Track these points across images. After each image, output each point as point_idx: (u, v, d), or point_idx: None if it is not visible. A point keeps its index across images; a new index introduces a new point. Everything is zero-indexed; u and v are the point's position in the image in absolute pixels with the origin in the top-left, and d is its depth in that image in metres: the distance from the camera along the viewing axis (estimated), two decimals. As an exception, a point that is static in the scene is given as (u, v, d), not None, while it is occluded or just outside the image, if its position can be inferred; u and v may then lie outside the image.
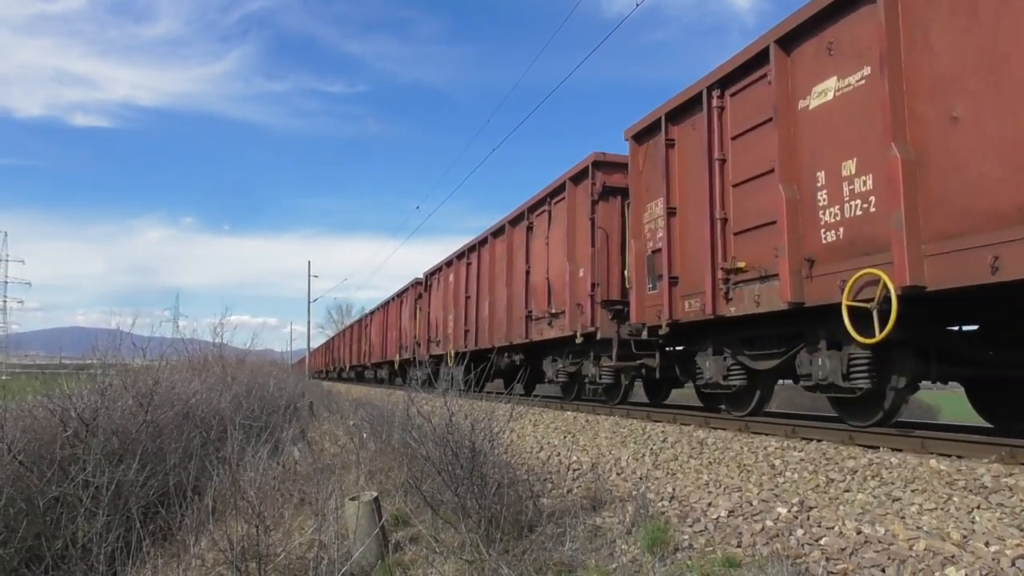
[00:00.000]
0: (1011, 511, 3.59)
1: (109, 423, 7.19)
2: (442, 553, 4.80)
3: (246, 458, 6.57)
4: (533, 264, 12.54)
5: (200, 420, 9.29)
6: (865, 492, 4.27)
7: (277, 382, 15.83)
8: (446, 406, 5.47)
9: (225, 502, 6.41)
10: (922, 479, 4.27)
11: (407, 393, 7.15)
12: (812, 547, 3.75)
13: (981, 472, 4.16)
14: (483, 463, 5.08)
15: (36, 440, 7.00)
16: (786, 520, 4.13)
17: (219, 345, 16.86)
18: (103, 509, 5.98)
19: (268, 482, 6.78)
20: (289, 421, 12.56)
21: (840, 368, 5.88)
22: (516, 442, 8.05)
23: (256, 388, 13.42)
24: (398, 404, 9.20)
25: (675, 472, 5.67)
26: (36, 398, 8.23)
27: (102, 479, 6.17)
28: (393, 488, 6.74)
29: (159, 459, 7.36)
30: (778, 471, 5.07)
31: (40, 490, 6.26)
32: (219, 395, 10.91)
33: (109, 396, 7.61)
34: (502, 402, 6.30)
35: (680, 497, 5.03)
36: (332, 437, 11.40)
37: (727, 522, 4.37)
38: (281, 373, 20.61)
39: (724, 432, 6.78)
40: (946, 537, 3.44)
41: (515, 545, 4.53)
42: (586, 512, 5.11)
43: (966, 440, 5.08)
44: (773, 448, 5.64)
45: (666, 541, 4.18)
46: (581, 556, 4.29)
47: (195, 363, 14.75)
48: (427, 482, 5.57)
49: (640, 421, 8.28)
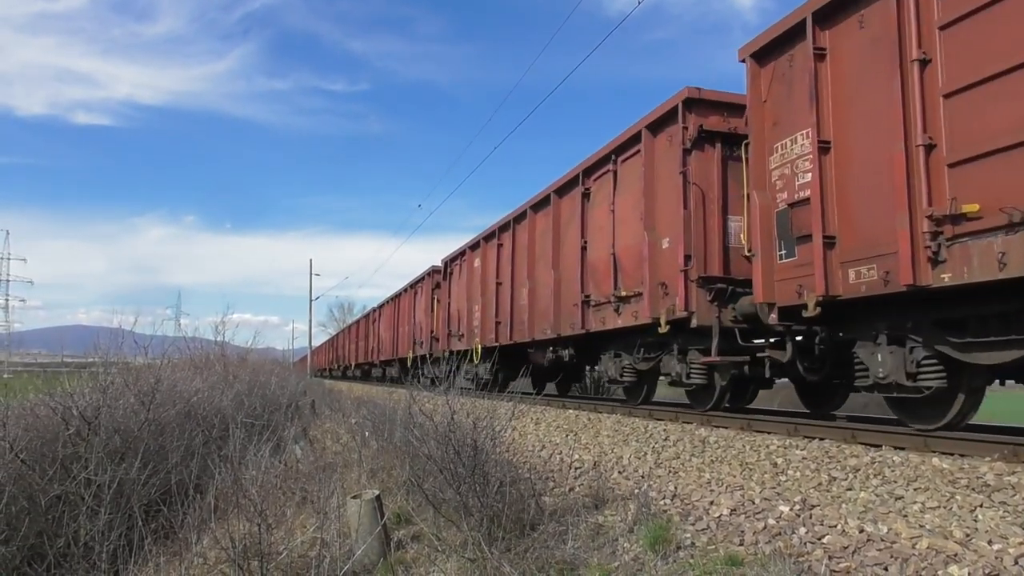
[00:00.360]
0: (1014, 509, 3.58)
1: (111, 421, 7.19)
2: (444, 551, 4.80)
3: (248, 456, 6.58)
4: (592, 238, 10.30)
5: (202, 418, 9.30)
6: (868, 490, 4.26)
7: (279, 381, 15.84)
8: (448, 404, 5.47)
9: (227, 500, 6.42)
10: (925, 477, 4.26)
11: (409, 392, 7.15)
12: (814, 545, 3.75)
13: (984, 470, 4.15)
14: (485, 461, 5.08)
15: (38, 438, 7.00)
16: (788, 518, 4.13)
17: (221, 344, 16.94)
18: (105, 507, 5.99)
19: (270, 480, 6.80)
20: (291, 420, 12.56)
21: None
22: (518, 441, 8.05)
23: (258, 387, 13.43)
24: (400, 403, 9.19)
25: (677, 470, 5.67)
26: (38, 396, 8.24)
27: (104, 477, 6.17)
28: (395, 486, 6.75)
29: (161, 457, 7.36)
30: (780, 469, 5.07)
31: (42, 488, 6.27)
32: (221, 394, 10.92)
33: (111, 394, 7.61)
34: (504, 400, 6.29)
35: (682, 495, 5.02)
36: (334, 435, 11.41)
37: (729, 520, 4.37)
38: (283, 372, 20.63)
39: (726, 430, 6.78)
40: (949, 536, 3.44)
41: (517, 543, 4.53)
42: (588, 510, 5.11)
43: (969, 439, 5.07)
44: (775, 446, 5.63)
45: (668, 539, 4.18)
46: (583, 554, 4.28)
47: (197, 362, 14.79)
48: (429, 480, 5.57)
49: (642, 419, 8.27)
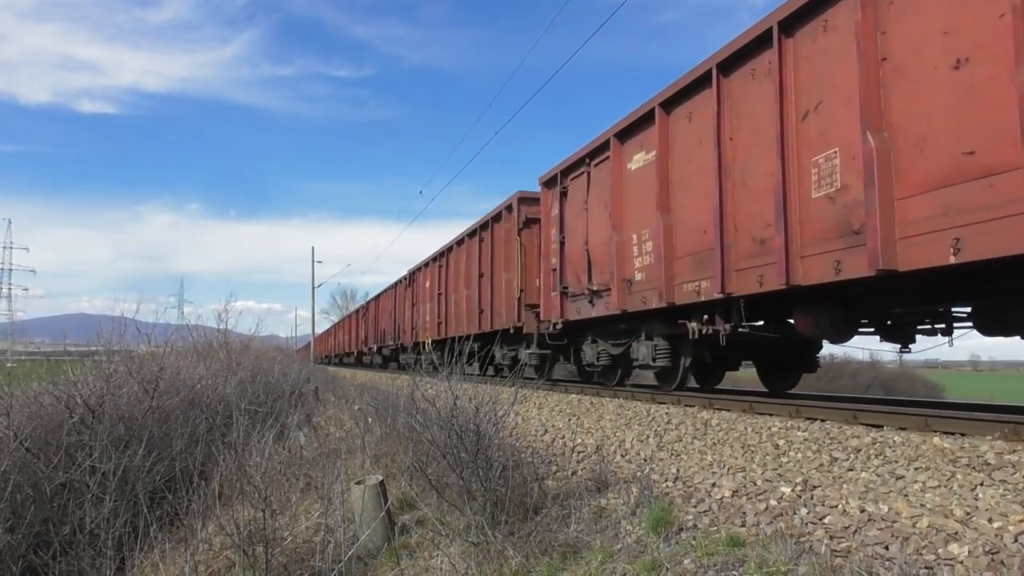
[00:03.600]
0: (1014, 487, 3.59)
1: (115, 409, 7.22)
2: (448, 536, 4.83)
3: (252, 443, 6.60)
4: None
5: (206, 406, 9.33)
6: (869, 471, 4.27)
7: (282, 368, 15.88)
8: (450, 390, 5.48)
9: (232, 487, 6.46)
10: (925, 457, 4.27)
11: (412, 378, 7.16)
12: (816, 526, 3.77)
13: (984, 449, 4.16)
14: (488, 446, 5.09)
15: (42, 427, 7.04)
16: (790, 499, 4.15)
17: (224, 331, 16.95)
18: (110, 495, 6.03)
19: (274, 467, 6.82)
20: (295, 406, 12.61)
21: None
22: (521, 425, 8.08)
23: (261, 374, 13.46)
24: (403, 389, 9.22)
25: (679, 453, 5.69)
26: (42, 385, 8.27)
27: (109, 465, 6.20)
28: (399, 472, 6.78)
29: (165, 445, 7.40)
30: (782, 451, 5.08)
31: (47, 476, 6.31)
32: (224, 381, 10.94)
33: (114, 382, 7.63)
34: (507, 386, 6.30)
35: (684, 478, 5.04)
36: (338, 422, 11.46)
37: (731, 502, 4.39)
38: (286, 359, 20.67)
39: (728, 413, 6.79)
40: (949, 514, 3.45)
41: (520, 527, 4.55)
42: (591, 494, 5.13)
43: (969, 418, 5.08)
44: (777, 428, 5.65)
45: (670, 521, 4.20)
46: (586, 537, 4.31)
47: (200, 349, 14.81)
48: (432, 465, 5.59)
49: (644, 403, 8.29)
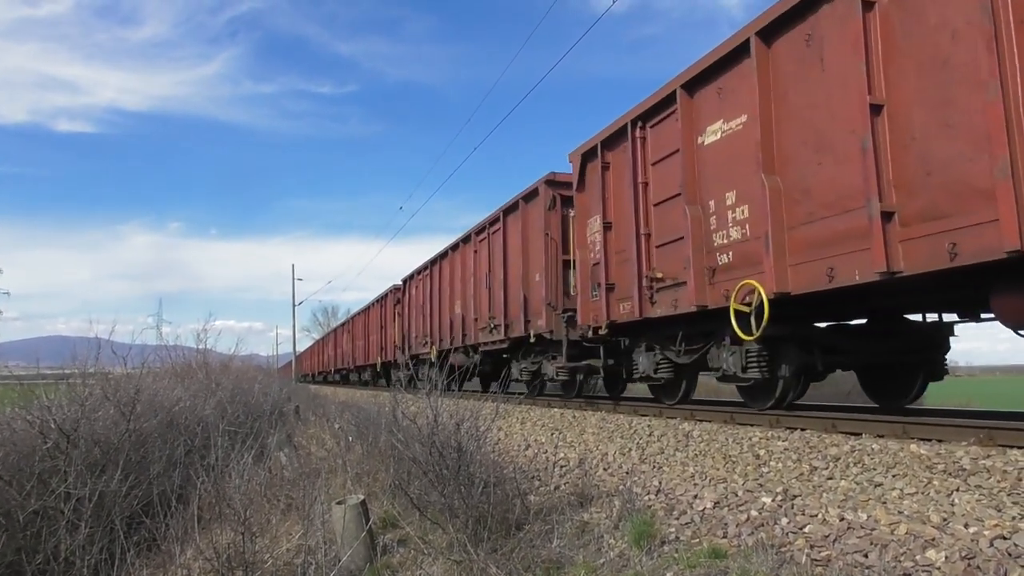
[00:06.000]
0: (989, 492, 3.63)
1: (91, 433, 7.08)
2: (430, 554, 4.78)
3: (231, 464, 6.50)
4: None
5: (184, 428, 9.18)
6: (848, 479, 4.31)
7: (262, 387, 15.70)
8: (431, 407, 5.45)
9: (210, 510, 6.35)
10: (903, 464, 4.31)
11: (393, 395, 7.12)
12: (796, 535, 3.79)
13: (960, 455, 4.21)
14: (469, 463, 5.07)
15: (15, 452, 6.88)
16: (771, 509, 4.17)
17: (203, 351, 16.74)
18: (85, 521, 5.90)
19: (254, 488, 6.73)
20: (275, 426, 12.45)
21: None
22: (503, 440, 8.05)
23: (241, 393, 13.30)
24: (384, 406, 9.15)
25: (661, 465, 5.70)
26: (14, 410, 8.09)
27: (84, 490, 6.07)
28: (380, 491, 6.71)
29: (142, 468, 7.26)
30: (763, 461, 5.11)
31: (20, 504, 6.16)
32: (203, 402, 10.79)
33: (90, 406, 7.49)
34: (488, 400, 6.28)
35: (666, 490, 5.05)
36: (319, 441, 11.33)
37: (713, 513, 4.40)
38: (267, 378, 20.44)
39: (710, 424, 6.81)
40: (927, 520, 3.48)
41: (503, 544, 4.53)
42: (573, 508, 5.12)
43: (946, 424, 5.14)
44: (758, 438, 5.68)
45: (653, 534, 4.20)
46: (569, 552, 4.29)
47: (178, 370, 14.61)
48: (414, 483, 5.55)
49: (627, 416, 8.30)
